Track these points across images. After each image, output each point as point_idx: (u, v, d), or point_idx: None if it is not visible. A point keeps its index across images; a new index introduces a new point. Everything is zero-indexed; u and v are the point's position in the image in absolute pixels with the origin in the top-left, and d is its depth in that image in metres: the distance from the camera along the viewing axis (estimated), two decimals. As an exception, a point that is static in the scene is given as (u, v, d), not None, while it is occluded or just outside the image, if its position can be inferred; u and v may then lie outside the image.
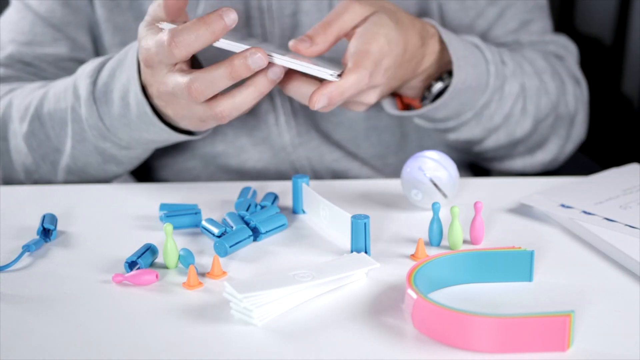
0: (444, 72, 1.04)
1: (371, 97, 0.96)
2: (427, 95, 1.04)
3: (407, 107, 1.08)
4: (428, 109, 1.02)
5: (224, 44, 0.88)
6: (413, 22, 0.99)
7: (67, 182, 1.08)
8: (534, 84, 1.11)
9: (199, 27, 0.87)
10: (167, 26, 0.89)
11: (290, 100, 1.13)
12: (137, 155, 1.06)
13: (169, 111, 0.95)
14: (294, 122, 1.14)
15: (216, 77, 0.88)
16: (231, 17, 0.87)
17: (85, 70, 1.02)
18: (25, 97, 1.08)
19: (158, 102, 0.95)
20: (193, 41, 0.87)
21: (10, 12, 1.16)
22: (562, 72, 1.16)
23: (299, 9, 1.10)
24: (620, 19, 1.33)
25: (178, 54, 0.88)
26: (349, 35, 0.95)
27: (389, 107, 1.05)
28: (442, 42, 1.02)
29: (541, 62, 1.13)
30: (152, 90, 0.95)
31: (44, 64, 1.13)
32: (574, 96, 1.16)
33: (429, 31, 1.01)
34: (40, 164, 1.08)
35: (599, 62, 1.25)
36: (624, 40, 1.33)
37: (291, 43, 0.94)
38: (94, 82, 1.01)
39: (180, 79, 0.89)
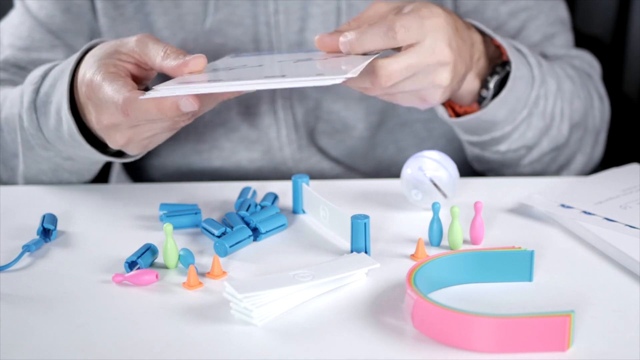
0: (496, 65, 1.02)
1: (444, 77, 0.92)
2: (485, 95, 1.02)
3: (458, 116, 1.05)
4: (493, 103, 0.99)
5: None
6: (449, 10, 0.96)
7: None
8: (568, 86, 1.09)
9: (152, 113, 0.85)
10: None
11: (293, 114, 1.13)
12: (85, 167, 1.03)
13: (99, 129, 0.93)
14: (295, 137, 1.14)
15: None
16: (189, 106, 0.85)
17: (31, 77, 1.00)
18: None
19: (88, 117, 0.93)
20: (144, 116, 0.86)
21: (13, 15, 1.16)
22: (590, 85, 1.14)
23: (305, 26, 1.10)
24: (620, 19, 1.33)
25: (126, 117, 0.86)
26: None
27: (446, 115, 1.03)
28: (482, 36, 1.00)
29: (570, 70, 1.12)
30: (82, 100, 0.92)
31: None
32: (600, 111, 1.15)
33: (465, 22, 0.99)
34: (2, 169, 1.07)
35: (599, 62, 1.24)
36: (624, 40, 1.33)
37: (317, 37, 0.92)
38: (37, 90, 0.98)
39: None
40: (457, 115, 1.05)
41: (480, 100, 1.03)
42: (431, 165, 0.92)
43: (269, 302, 0.75)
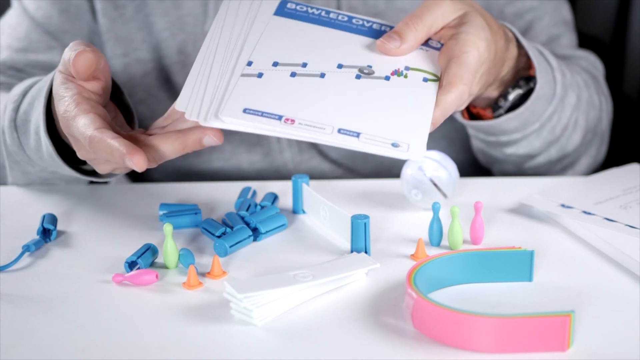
0: (520, 78, 1.01)
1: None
2: (502, 104, 1.01)
3: (471, 117, 1.05)
4: (507, 117, 0.98)
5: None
6: (498, 25, 0.93)
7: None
8: (585, 97, 1.08)
9: (112, 155, 0.81)
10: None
11: None
12: (74, 178, 1.01)
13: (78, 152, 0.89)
14: (295, 140, 1.14)
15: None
16: (211, 142, 0.83)
17: (12, 93, 0.98)
18: None
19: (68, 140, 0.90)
20: (106, 157, 0.82)
21: (11, 15, 1.15)
22: (598, 89, 1.14)
23: None
24: (620, 19, 1.33)
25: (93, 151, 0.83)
26: (438, 34, 0.89)
27: (459, 116, 1.03)
28: (518, 47, 0.98)
29: (585, 76, 1.11)
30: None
31: (37, 70, 1.11)
32: (607, 113, 1.14)
33: (508, 35, 0.96)
34: None
35: (601, 61, 1.24)
36: (624, 40, 1.33)
37: (378, 42, 0.87)
38: (17, 109, 0.96)
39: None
40: (470, 114, 1.04)
41: (495, 107, 1.02)
42: (431, 165, 0.92)
43: (269, 302, 0.75)
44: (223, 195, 0.99)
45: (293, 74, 0.84)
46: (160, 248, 0.85)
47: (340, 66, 0.86)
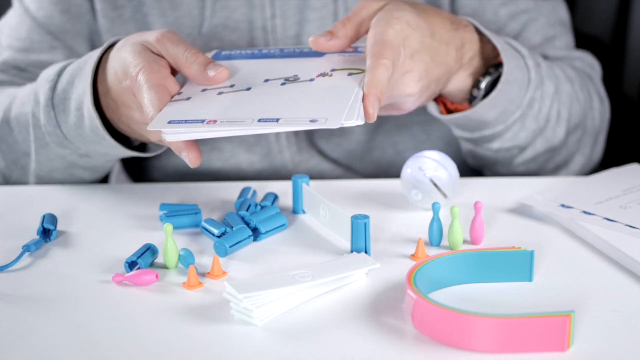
0: (490, 66, 1.02)
1: (410, 86, 0.93)
2: (476, 94, 1.02)
3: (450, 113, 1.06)
4: (482, 104, 0.99)
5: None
6: (438, 10, 0.97)
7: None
8: (566, 89, 1.08)
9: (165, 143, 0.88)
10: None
11: None
12: (100, 164, 1.04)
13: (121, 125, 0.95)
14: (294, 139, 1.14)
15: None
16: (195, 160, 0.86)
17: (45, 75, 1.00)
18: (1, 101, 1.06)
19: (110, 115, 0.95)
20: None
21: (11, 15, 1.15)
22: (590, 87, 1.14)
23: (302, 31, 1.10)
24: (620, 19, 1.33)
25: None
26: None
27: (436, 111, 1.03)
28: (479, 35, 1.00)
29: (570, 72, 1.11)
30: (107, 102, 0.94)
31: (39, 70, 1.10)
32: (599, 112, 1.14)
33: (461, 21, 0.99)
34: (12, 168, 1.07)
35: (599, 62, 1.24)
36: (624, 40, 1.33)
37: (311, 39, 0.92)
38: (53, 88, 0.98)
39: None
40: (449, 111, 1.05)
41: (471, 99, 1.03)
42: (431, 165, 0.92)
43: (269, 302, 0.75)
44: (223, 195, 0.99)
45: (220, 93, 0.89)
46: (160, 248, 0.85)
47: (266, 80, 0.91)
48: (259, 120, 0.82)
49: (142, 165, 1.20)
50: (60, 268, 0.85)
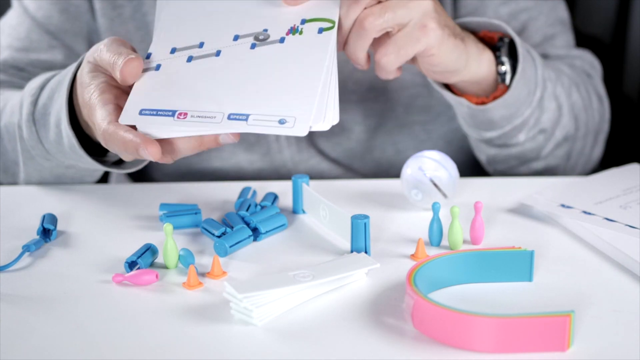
0: (494, 46, 1.01)
1: (430, 37, 0.89)
2: (502, 71, 1.00)
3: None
4: (516, 80, 0.98)
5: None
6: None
7: None
8: (566, 79, 1.09)
9: (125, 147, 0.83)
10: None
11: None
12: (88, 174, 1.03)
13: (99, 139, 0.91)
14: (295, 138, 1.14)
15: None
16: (228, 140, 0.84)
17: (29, 87, 0.99)
18: None
19: (88, 130, 0.93)
20: (119, 150, 0.84)
21: (11, 15, 1.15)
22: (588, 86, 1.14)
23: None
24: (620, 19, 1.33)
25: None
26: None
27: (465, 105, 1.02)
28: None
29: (567, 69, 1.12)
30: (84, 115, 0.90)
31: (38, 69, 1.11)
32: (599, 112, 1.14)
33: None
34: (2, 176, 1.06)
35: (599, 61, 1.24)
36: (624, 40, 1.33)
37: None
38: (35, 102, 0.97)
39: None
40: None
41: (495, 89, 1.01)
42: (431, 165, 0.92)
43: (269, 302, 0.75)
44: (223, 195, 0.99)
45: (189, 59, 0.88)
46: (160, 248, 0.85)
47: (236, 37, 0.89)
48: (229, 117, 0.82)
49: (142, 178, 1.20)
50: (60, 268, 0.85)
